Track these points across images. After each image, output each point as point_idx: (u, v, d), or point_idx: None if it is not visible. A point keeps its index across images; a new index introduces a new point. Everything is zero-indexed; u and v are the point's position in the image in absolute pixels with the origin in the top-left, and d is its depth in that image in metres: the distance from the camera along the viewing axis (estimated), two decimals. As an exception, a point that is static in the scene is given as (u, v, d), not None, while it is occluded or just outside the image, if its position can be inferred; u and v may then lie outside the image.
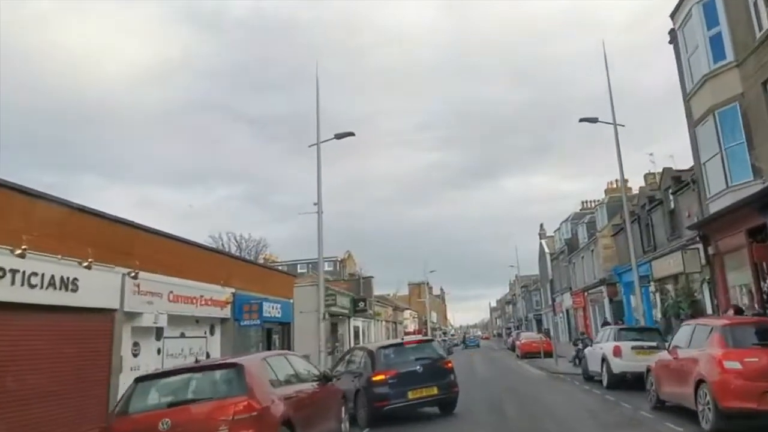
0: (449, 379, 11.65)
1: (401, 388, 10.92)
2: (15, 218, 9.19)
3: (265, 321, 20.29)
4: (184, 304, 14.65)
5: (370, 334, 41.76)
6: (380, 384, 10.98)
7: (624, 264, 29.52)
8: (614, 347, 13.80)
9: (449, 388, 11.50)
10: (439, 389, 11.19)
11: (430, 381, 11.15)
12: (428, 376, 11.16)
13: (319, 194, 18.48)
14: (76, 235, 10.63)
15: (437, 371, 11.43)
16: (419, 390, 10.98)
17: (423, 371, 11.17)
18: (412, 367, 11.25)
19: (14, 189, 9.28)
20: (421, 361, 11.42)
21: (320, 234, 18.24)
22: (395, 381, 11.00)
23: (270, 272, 22.66)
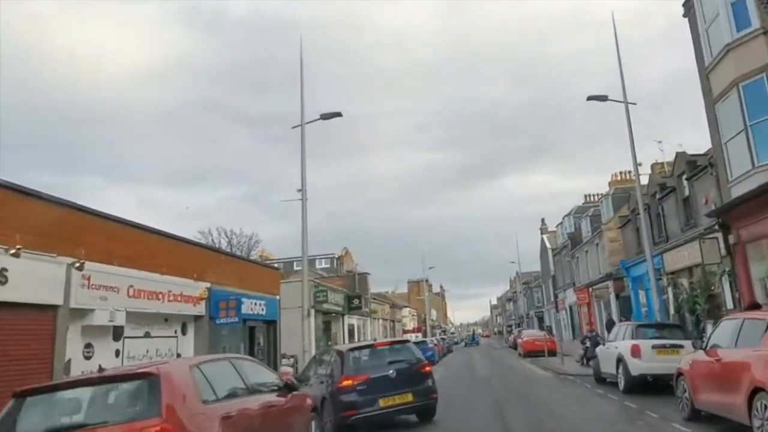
0: (426, 385, 10.46)
1: (371, 395, 9.80)
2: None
3: (247, 319, 18.72)
4: (147, 300, 13.06)
5: (366, 333, 40.14)
6: (348, 390, 9.81)
7: (632, 257, 27.90)
8: (632, 346, 12.18)
9: (426, 394, 10.34)
10: (414, 396, 10.05)
11: (405, 387, 10.02)
12: (402, 382, 10.03)
13: (303, 180, 16.92)
14: (2, 218, 9.02)
15: (413, 376, 10.27)
16: (392, 397, 9.87)
17: (397, 376, 10.01)
18: (385, 372, 10.08)
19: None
20: (395, 365, 10.26)
21: (304, 222, 16.65)
22: (365, 387, 9.86)
23: (253, 266, 21.02)
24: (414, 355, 10.99)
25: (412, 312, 73.17)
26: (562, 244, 48.24)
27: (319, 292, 26.75)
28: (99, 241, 11.34)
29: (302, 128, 17.25)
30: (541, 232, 60.83)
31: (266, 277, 21.15)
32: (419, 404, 10.19)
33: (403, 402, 9.96)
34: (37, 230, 9.69)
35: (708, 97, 17.37)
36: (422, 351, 30.88)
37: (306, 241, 16.54)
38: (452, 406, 13.21)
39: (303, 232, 16.58)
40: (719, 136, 16.50)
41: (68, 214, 10.73)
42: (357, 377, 9.99)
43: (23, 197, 9.69)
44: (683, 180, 21.21)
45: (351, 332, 35.71)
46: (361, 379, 9.96)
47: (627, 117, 17.73)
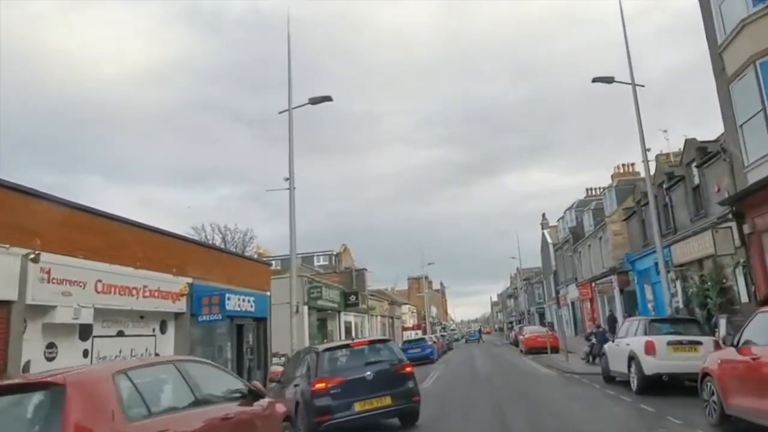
0: (407, 387, 9.70)
1: (346, 399, 9.12)
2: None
3: (234, 316, 17.72)
4: (119, 296, 12.05)
5: (363, 330, 39.14)
6: (321, 394, 9.13)
7: (637, 251, 26.89)
8: (646, 343, 11.15)
9: (407, 397, 9.61)
10: (393, 399, 9.35)
11: (383, 389, 9.34)
12: (381, 384, 9.36)
13: (291, 168, 15.90)
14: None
15: (392, 378, 9.58)
16: (369, 400, 9.18)
17: (374, 378, 9.35)
18: (361, 374, 9.41)
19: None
20: (373, 366, 9.60)
21: (292, 211, 15.63)
22: (339, 390, 9.17)
23: (241, 261, 19.98)
24: (395, 355, 10.27)
25: (411, 309, 72.20)
26: (564, 238, 47.21)
27: (313, 288, 25.75)
28: (60, 231, 10.33)
29: (290, 113, 16.24)
30: (542, 227, 59.83)
31: (255, 273, 20.14)
32: (399, 408, 9.54)
33: (381, 406, 9.30)
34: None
35: (721, 78, 16.36)
36: (421, 348, 30.20)
37: (294, 232, 15.55)
38: (450, 407, 12.27)
39: (291, 222, 15.57)
40: (734, 118, 15.48)
41: (22, 201, 9.71)
42: (331, 379, 9.32)
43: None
44: (693, 168, 20.18)
45: (348, 330, 34.70)
46: (335, 381, 9.29)
47: (635, 99, 16.72)
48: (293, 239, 15.48)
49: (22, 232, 9.48)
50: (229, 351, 17.81)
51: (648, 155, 18.12)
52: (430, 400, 14.11)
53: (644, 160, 16.84)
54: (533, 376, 18.12)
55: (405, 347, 30.16)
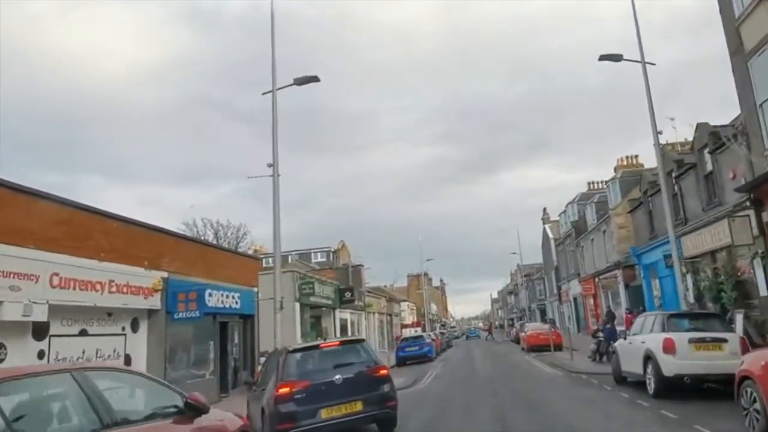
0: (381, 391, 8.80)
1: (312, 405, 8.35)
2: None
3: (216, 313, 16.62)
4: (80, 291, 10.92)
5: (360, 328, 38.00)
6: (284, 400, 8.33)
7: (643, 243, 25.72)
8: (665, 341, 9.99)
9: (380, 402, 8.72)
10: (365, 404, 8.51)
11: (353, 394, 8.51)
12: (351, 388, 8.55)
13: (275, 154, 14.71)
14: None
15: (364, 381, 8.74)
16: (337, 407, 8.38)
17: (344, 382, 8.54)
18: (329, 377, 8.60)
19: None
20: (343, 369, 8.77)
21: (276, 200, 14.46)
22: (304, 395, 8.39)
23: (225, 254, 18.81)
24: (369, 356, 9.36)
25: (411, 306, 71.10)
26: (566, 233, 46.05)
27: (305, 284, 24.59)
28: (5, 217, 9.17)
29: (273, 94, 15.08)
30: (543, 221, 58.61)
31: (242, 267, 18.99)
32: (371, 414, 8.63)
33: (351, 412, 8.43)
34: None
35: (737, 55, 15.19)
36: (419, 346, 29.01)
37: (278, 221, 14.36)
38: (446, 411, 11.10)
39: (275, 210, 14.41)
40: (753, 97, 14.31)
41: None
42: (296, 384, 8.49)
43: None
44: (705, 154, 18.99)
45: (344, 327, 33.56)
46: (300, 386, 8.45)
47: (645, 78, 15.54)
48: (277, 229, 14.32)
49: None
50: (212, 351, 16.68)
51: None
52: (427, 401, 12.99)
53: (655, 143, 15.63)
54: (537, 376, 16.94)
55: (402, 345, 29.05)
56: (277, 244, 14.37)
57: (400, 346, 28.99)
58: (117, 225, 12.36)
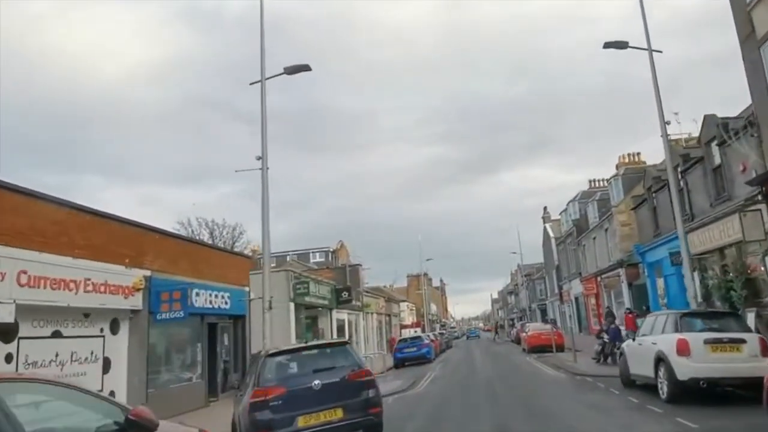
0: (363, 397, 8.22)
1: (288, 413, 7.77)
2: None
3: (204, 313, 15.93)
4: (51, 291, 10.22)
5: (358, 329, 37.30)
6: (259, 407, 7.80)
7: (648, 241, 25.01)
8: (678, 342, 9.28)
9: (363, 409, 8.15)
10: (345, 412, 7.96)
11: (333, 401, 7.98)
12: (331, 394, 8.01)
13: (264, 146, 14.01)
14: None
15: (346, 387, 8.18)
16: (315, 414, 7.85)
17: (323, 388, 8.00)
18: (308, 383, 8.05)
19: None
20: (323, 374, 8.24)
21: (265, 194, 13.74)
22: (280, 402, 7.81)
23: (214, 252, 18.09)
24: (352, 360, 8.77)
25: (410, 306, 70.36)
26: (567, 231, 45.33)
27: (300, 284, 23.86)
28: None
29: (262, 84, 14.38)
30: (543, 220, 57.86)
31: (232, 266, 18.28)
32: (353, 421, 8.03)
33: (330, 420, 7.87)
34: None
35: (748, 42, 14.55)
36: (417, 347, 28.28)
37: (267, 216, 13.64)
38: (441, 423, 10.35)
39: (263, 206, 13.69)
40: (766, 82, 13.65)
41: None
42: (272, 390, 7.95)
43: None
44: (713, 147, 18.29)
45: (341, 328, 32.83)
46: (276, 392, 7.91)
47: (651, 66, 14.85)
48: (266, 224, 13.60)
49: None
50: (199, 353, 15.97)
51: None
52: (422, 407, 12.27)
53: (663, 134, 14.89)
54: (539, 379, 16.18)
55: (400, 346, 28.34)
56: (266, 240, 13.67)
57: (398, 347, 28.27)
58: (93, 220, 11.65)
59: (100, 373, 11.92)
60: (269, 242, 13.72)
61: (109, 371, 12.12)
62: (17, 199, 9.72)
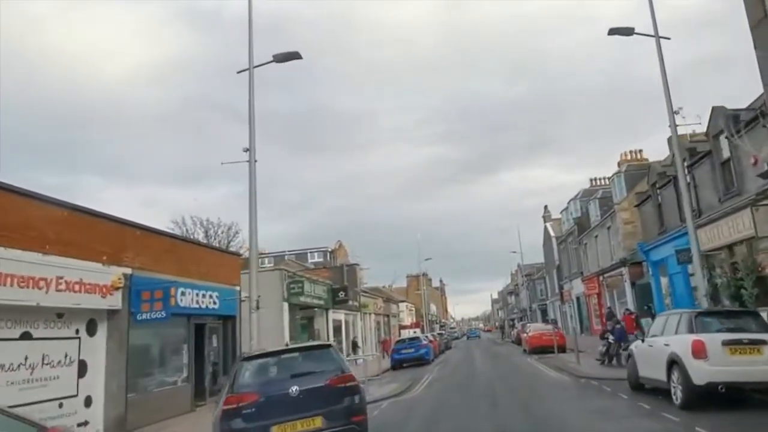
0: (345, 404, 7.56)
1: (262, 421, 7.14)
2: None
3: (191, 314, 15.23)
4: (18, 289, 9.53)
5: (355, 329, 36.60)
6: (231, 415, 7.19)
7: (652, 239, 24.31)
8: (694, 343, 8.57)
9: (344, 417, 7.47)
10: (326, 420, 7.31)
11: (312, 408, 7.33)
12: (309, 402, 7.34)
13: (252, 137, 13.30)
14: None
15: (326, 393, 7.50)
16: (291, 423, 7.20)
17: (301, 394, 7.33)
18: (285, 388, 7.39)
19: None
20: (302, 379, 7.60)
21: (252, 187, 13.04)
22: (254, 411, 7.17)
23: (202, 250, 17.36)
24: (335, 364, 8.10)
25: (410, 307, 69.67)
26: (568, 230, 44.63)
27: (294, 283, 23.16)
28: None
29: (250, 72, 13.67)
30: (544, 219, 57.18)
31: (221, 264, 17.56)
32: (333, 431, 7.38)
33: (308, 429, 7.26)
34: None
35: (760, 27, 13.85)
36: (414, 348, 27.53)
37: (254, 210, 12.93)
38: (440, 425, 9.63)
39: (251, 199, 12.98)
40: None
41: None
42: (245, 397, 7.32)
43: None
44: (721, 140, 17.59)
45: (337, 329, 32.13)
46: (249, 399, 7.27)
47: (659, 53, 14.10)
48: (253, 220, 12.88)
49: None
50: (185, 355, 15.26)
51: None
52: (417, 413, 11.55)
53: (671, 123, 14.13)
54: (542, 381, 15.45)
55: (398, 347, 27.58)
56: (254, 236, 12.95)
57: (396, 348, 27.49)
58: (66, 214, 10.93)
59: (75, 377, 11.21)
60: (257, 238, 13.01)
61: (85, 375, 11.40)
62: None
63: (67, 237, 10.75)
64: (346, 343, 33.83)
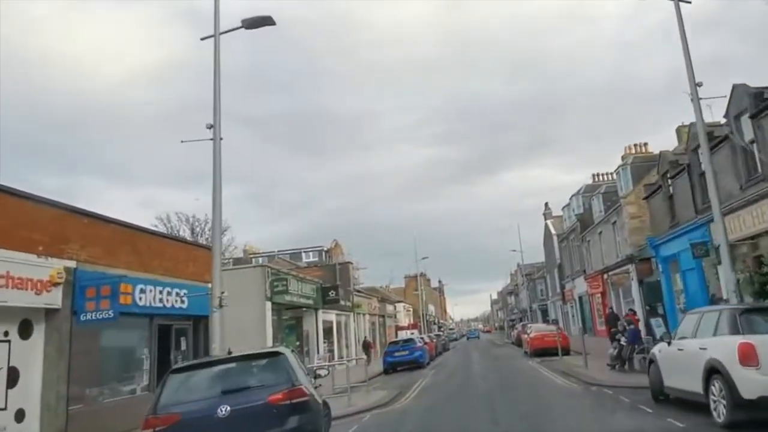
0: (290, 427, 6.11)
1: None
2: None
3: (154, 314, 13.59)
4: None
5: (348, 330, 34.89)
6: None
7: (662, 233, 22.65)
8: (741, 347, 6.92)
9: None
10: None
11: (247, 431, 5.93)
12: (242, 424, 5.93)
13: (216, 112, 11.66)
14: None
15: (266, 413, 6.07)
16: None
17: (233, 415, 5.90)
18: (212, 409, 5.95)
19: None
20: (237, 396, 6.21)
21: (217, 171, 11.40)
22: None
23: (165, 242, 15.58)
24: (284, 375, 6.62)
25: (407, 307, 67.99)
26: (570, 227, 42.98)
27: (278, 281, 21.48)
28: None
29: (216, 39, 12.05)
30: (544, 217, 55.52)
31: (192, 259, 15.86)
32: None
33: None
34: None
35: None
36: (408, 351, 25.79)
37: (219, 196, 11.29)
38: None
39: (215, 182, 11.34)
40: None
41: None
42: (164, 419, 5.97)
43: None
44: (743, 120, 15.97)
45: (328, 330, 30.42)
46: (169, 421, 5.93)
47: (678, 16, 12.46)
48: (217, 205, 11.22)
49: None
50: (146, 360, 13.58)
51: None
52: (407, 425, 9.89)
53: (693, 94, 12.40)
54: (548, 390, 13.70)
55: (390, 349, 25.89)
56: (217, 220, 11.32)
57: (388, 351, 25.77)
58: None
59: (4, 388, 9.55)
60: (220, 224, 11.40)
61: (15, 385, 9.74)
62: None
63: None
64: (338, 344, 32.17)
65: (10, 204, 9.76)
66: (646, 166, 29.85)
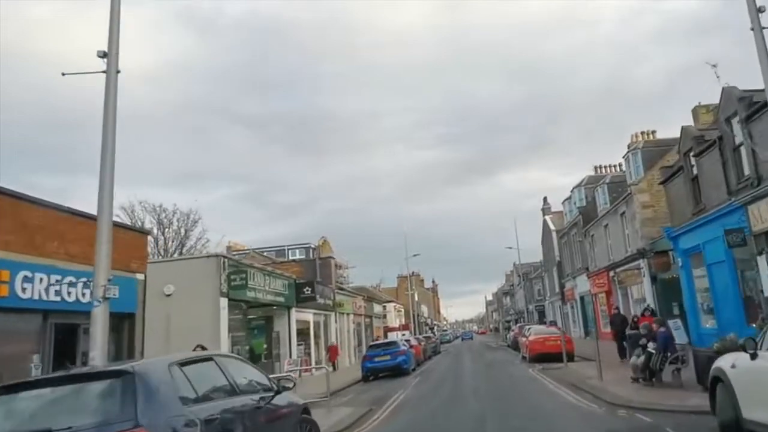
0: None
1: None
2: None
3: (49, 309, 10.57)
4: None
5: (328, 332, 31.73)
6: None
7: (683, 222, 19.62)
8: None
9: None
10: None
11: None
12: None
13: (114, 34, 8.54)
14: None
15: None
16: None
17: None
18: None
19: None
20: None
21: (110, 110, 8.28)
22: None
23: (71, 218, 12.14)
24: (127, 408, 4.35)
25: (398, 308, 64.92)
26: (571, 221, 39.98)
27: (236, 274, 18.31)
28: None
29: None
30: (543, 213, 52.55)
31: (113, 242, 12.66)
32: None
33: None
34: None
35: None
36: (390, 355, 22.56)
37: (113, 142, 8.19)
38: None
39: (105, 125, 8.23)
40: None
41: None
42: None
43: None
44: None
45: (303, 331, 27.28)
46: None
47: None
48: (107, 154, 8.12)
49: None
50: (34, 368, 10.43)
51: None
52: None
53: (754, 19, 9.23)
54: (558, 412, 10.32)
55: (370, 354, 22.68)
56: (106, 181, 8.21)
57: (368, 355, 22.54)
58: None
59: None
60: (112, 178, 8.27)
61: None
62: None
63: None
64: (316, 347, 29.03)
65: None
66: (659, 150, 26.90)
